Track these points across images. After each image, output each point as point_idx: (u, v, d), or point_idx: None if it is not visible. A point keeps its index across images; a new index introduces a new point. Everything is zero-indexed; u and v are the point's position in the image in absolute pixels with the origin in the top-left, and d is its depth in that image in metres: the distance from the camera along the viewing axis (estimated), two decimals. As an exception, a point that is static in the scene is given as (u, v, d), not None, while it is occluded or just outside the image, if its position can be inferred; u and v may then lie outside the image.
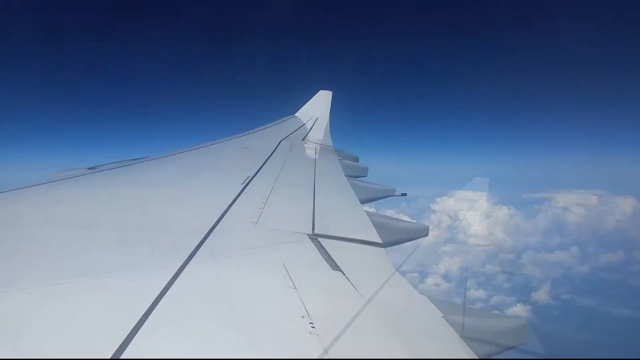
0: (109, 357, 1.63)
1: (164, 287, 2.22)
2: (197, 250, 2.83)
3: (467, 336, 2.57)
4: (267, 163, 6.75)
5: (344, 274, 2.98)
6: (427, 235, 5.45)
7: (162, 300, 2.10)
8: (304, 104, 16.38)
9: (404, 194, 8.09)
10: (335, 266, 3.11)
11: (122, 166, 5.93)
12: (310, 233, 3.81)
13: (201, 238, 3.06)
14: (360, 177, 8.75)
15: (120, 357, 1.65)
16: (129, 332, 1.79)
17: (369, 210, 5.49)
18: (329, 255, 3.32)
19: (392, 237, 4.55)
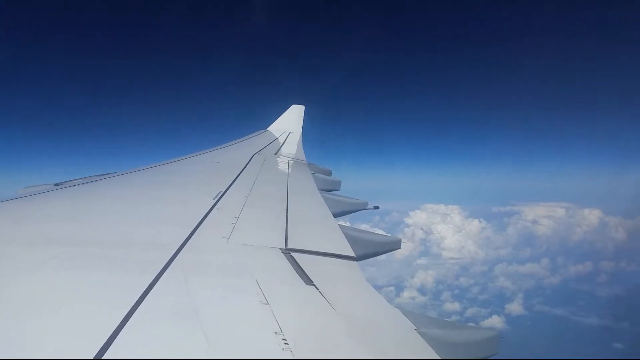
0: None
1: (133, 305, 2.17)
2: (168, 266, 2.78)
3: (440, 348, 2.58)
4: (239, 177, 6.71)
5: (318, 289, 2.96)
6: (399, 247, 5.49)
7: (131, 318, 2.05)
8: (277, 118, 16.42)
9: (376, 207, 8.16)
10: (308, 281, 3.10)
11: (89, 182, 5.81)
12: (284, 247, 3.79)
13: (172, 254, 3.00)
14: (333, 190, 8.78)
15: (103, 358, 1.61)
16: (97, 351, 1.74)
17: (343, 224, 5.50)
18: (302, 269, 3.30)
19: (366, 250, 4.56)
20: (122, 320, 2.01)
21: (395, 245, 5.46)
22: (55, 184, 5.72)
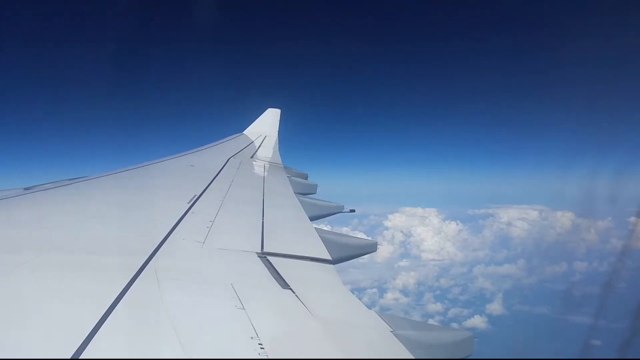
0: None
1: (105, 312, 2.12)
2: (141, 272, 2.73)
3: (416, 350, 2.60)
4: (214, 181, 6.65)
5: (294, 292, 2.96)
6: (375, 250, 5.52)
7: (103, 325, 2.00)
8: (253, 121, 16.37)
9: (352, 210, 8.20)
10: (284, 284, 3.09)
11: (60, 186, 5.68)
12: (259, 251, 3.77)
13: (145, 259, 2.95)
14: (310, 194, 8.79)
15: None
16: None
17: (323, 227, 5.51)
18: (278, 273, 3.28)
19: (342, 253, 4.57)
20: (93, 328, 1.96)
21: (370, 248, 5.49)
22: (25, 188, 5.57)
